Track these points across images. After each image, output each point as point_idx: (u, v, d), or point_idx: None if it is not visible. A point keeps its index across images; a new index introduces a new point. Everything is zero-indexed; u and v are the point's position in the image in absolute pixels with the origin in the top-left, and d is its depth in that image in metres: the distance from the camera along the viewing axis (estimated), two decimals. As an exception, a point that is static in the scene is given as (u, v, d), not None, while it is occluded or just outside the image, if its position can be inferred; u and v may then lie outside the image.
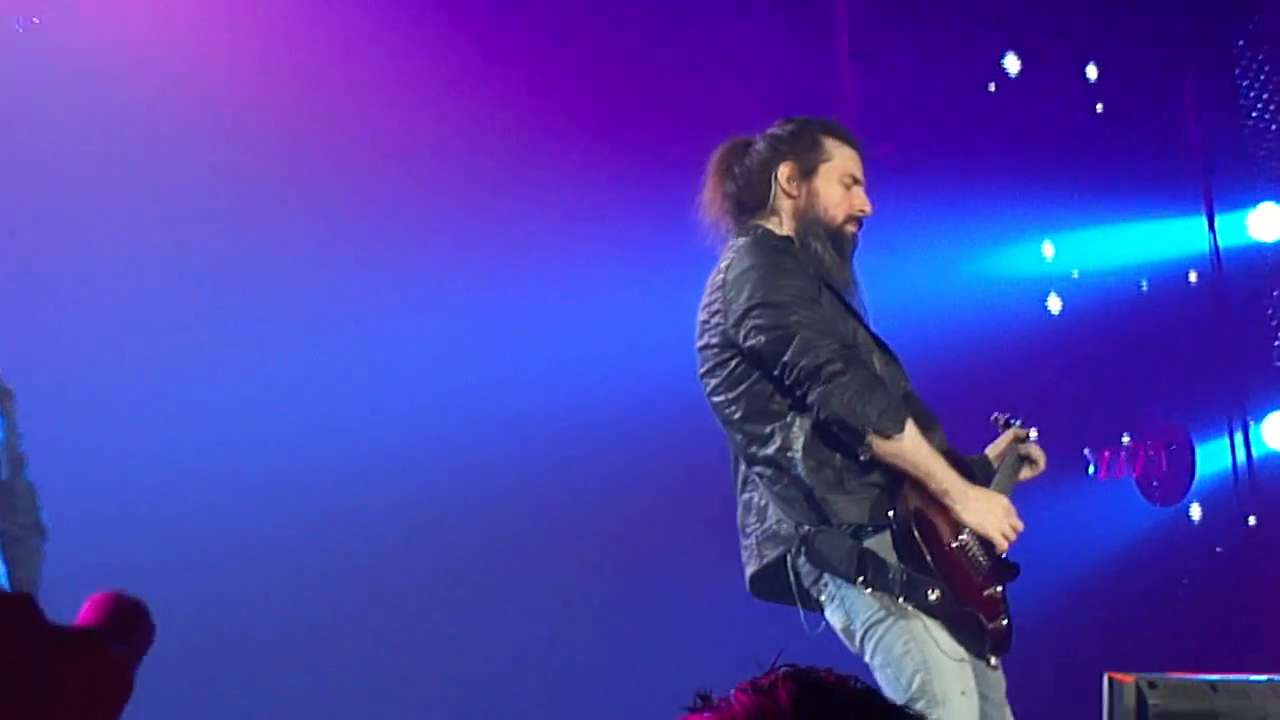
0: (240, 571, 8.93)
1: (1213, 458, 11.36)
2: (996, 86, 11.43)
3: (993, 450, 6.23)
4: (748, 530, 5.95)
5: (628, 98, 10.99)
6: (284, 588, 9.24)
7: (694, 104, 10.59)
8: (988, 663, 5.70)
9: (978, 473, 6.08)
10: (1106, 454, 8.20)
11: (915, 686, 5.63)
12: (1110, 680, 5.05)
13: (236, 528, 9.47)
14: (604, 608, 10.27)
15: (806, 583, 5.77)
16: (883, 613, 5.63)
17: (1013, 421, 6.31)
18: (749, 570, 5.93)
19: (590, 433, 10.28)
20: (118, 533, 9.21)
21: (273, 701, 8.61)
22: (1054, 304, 11.46)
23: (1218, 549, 11.22)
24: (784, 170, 6.02)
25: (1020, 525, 5.87)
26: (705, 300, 5.99)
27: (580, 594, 10.31)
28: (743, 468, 5.97)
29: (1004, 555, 5.90)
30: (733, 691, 1.97)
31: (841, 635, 5.76)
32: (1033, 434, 6.32)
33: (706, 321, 5.95)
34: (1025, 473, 6.21)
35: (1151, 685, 5.04)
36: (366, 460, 10.02)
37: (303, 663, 9.01)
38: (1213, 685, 5.18)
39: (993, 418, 6.34)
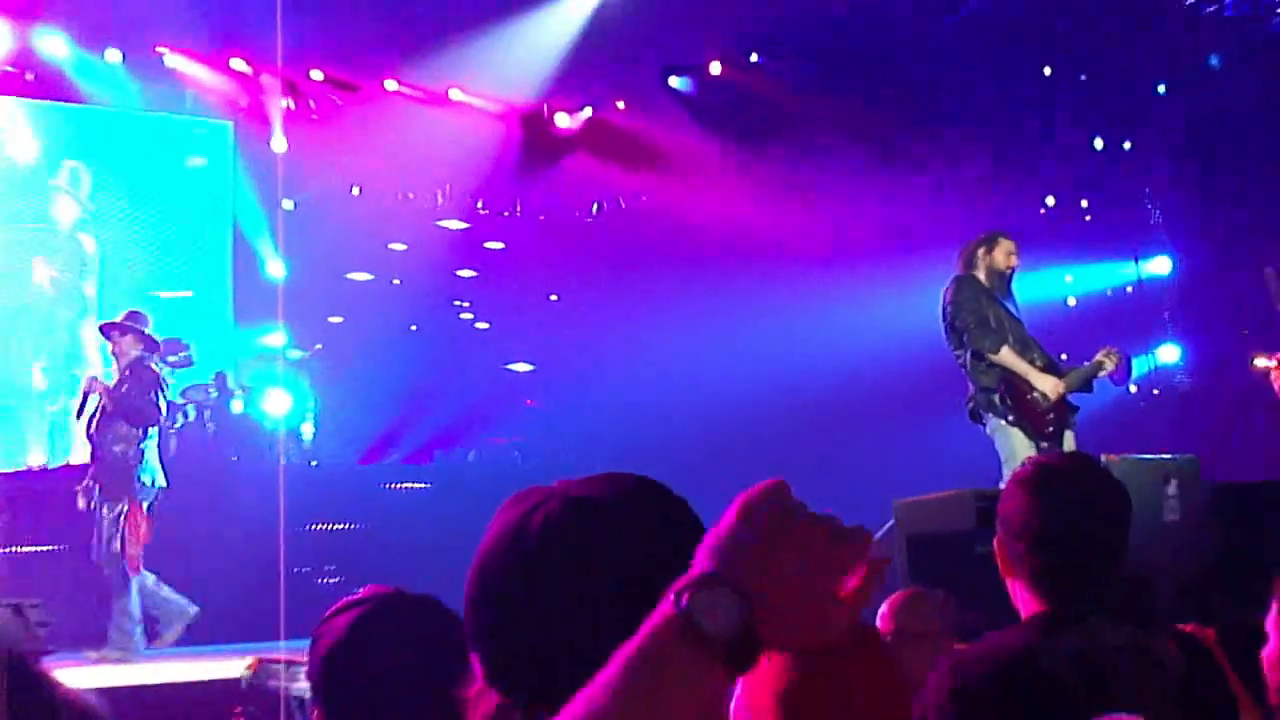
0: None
1: (1139, 366, 13.23)
2: (1045, 210, 13.91)
3: (1093, 360, 7.20)
4: (969, 394, 7.15)
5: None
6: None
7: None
8: (1039, 447, 6.81)
9: (1064, 370, 7.14)
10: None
11: (1005, 456, 6.92)
12: (1107, 459, 5.50)
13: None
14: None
15: (979, 414, 7.13)
16: (998, 424, 7.00)
17: (1110, 348, 7.31)
18: (967, 408, 7.19)
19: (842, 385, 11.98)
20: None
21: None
22: (1071, 302, 13.93)
23: (1141, 404, 13.53)
24: (979, 251, 7.29)
25: (1059, 391, 6.95)
26: (939, 305, 7.27)
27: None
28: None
29: (1063, 401, 6.98)
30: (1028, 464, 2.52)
31: (989, 434, 7.06)
32: (1116, 353, 7.27)
33: (940, 314, 7.27)
34: (1102, 372, 7.21)
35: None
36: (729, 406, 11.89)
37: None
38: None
39: (1103, 347, 7.30)
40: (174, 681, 7.22)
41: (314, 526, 10.45)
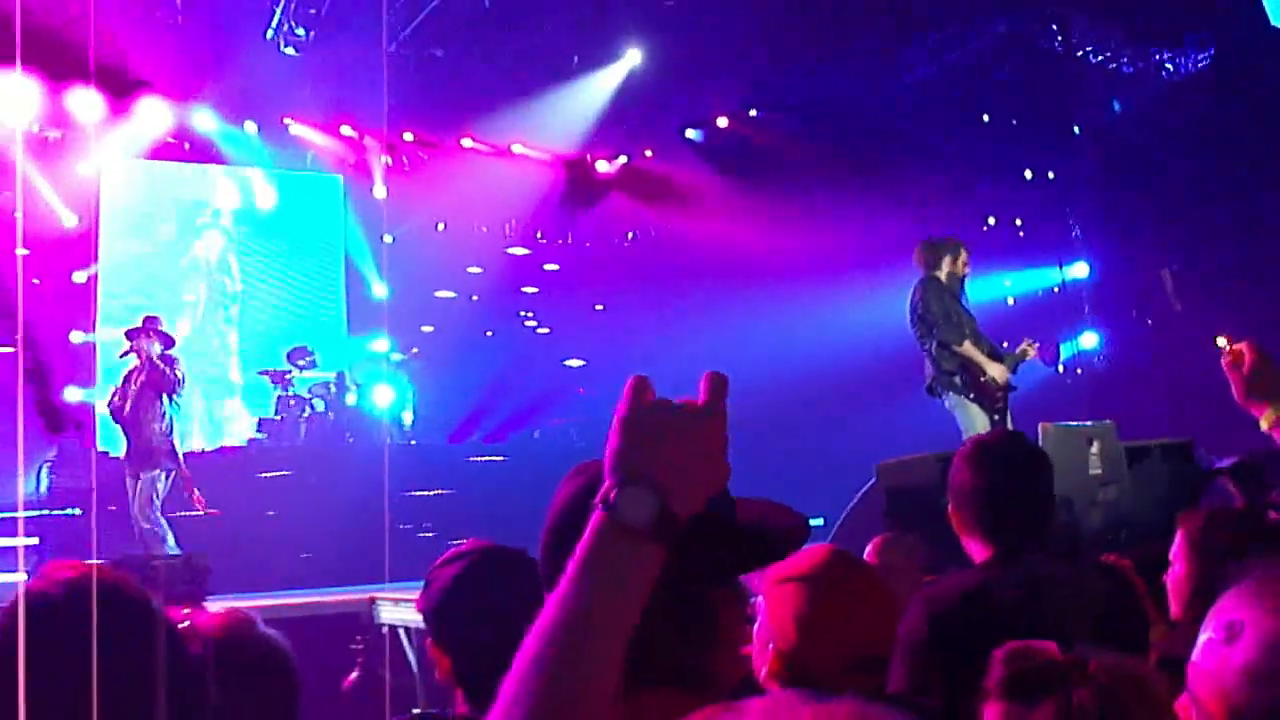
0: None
1: (1066, 351, 13.44)
2: (987, 228, 13.73)
3: (1019, 349, 7.06)
4: (926, 374, 6.99)
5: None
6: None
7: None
8: (992, 420, 6.70)
9: (1004, 355, 6.98)
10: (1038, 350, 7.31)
11: (964, 426, 6.73)
12: (1042, 427, 5.38)
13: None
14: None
15: (938, 391, 6.92)
16: (958, 400, 6.81)
17: (1030, 340, 7.14)
18: (927, 386, 6.99)
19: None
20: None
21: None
22: (1010, 301, 13.64)
23: (1068, 380, 13.59)
24: (946, 258, 7.02)
25: (1007, 376, 6.79)
26: (908, 301, 7.06)
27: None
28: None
29: (1008, 383, 6.83)
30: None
31: (948, 408, 6.85)
32: (1035, 345, 7.17)
33: (910, 308, 7.03)
34: (1026, 358, 7.04)
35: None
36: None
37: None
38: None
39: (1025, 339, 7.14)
40: (304, 616, 7.09)
41: (413, 492, 10.43)
